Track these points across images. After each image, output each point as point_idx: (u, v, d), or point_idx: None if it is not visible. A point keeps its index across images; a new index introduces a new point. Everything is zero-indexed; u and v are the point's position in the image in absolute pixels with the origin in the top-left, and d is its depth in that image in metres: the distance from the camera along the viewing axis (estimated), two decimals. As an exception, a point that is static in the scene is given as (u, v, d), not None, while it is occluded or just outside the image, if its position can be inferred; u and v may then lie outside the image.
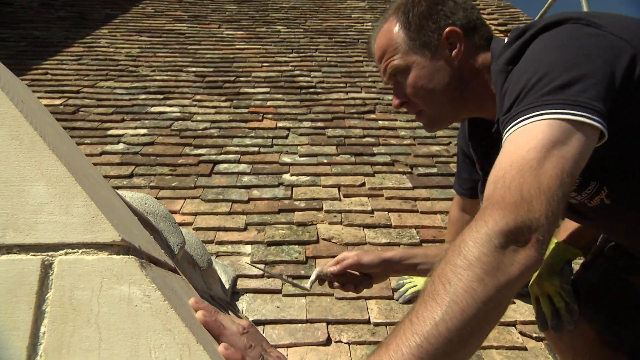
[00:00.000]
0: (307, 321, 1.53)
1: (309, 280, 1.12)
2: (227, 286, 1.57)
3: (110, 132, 2.79)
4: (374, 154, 2.65)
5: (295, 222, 2.03)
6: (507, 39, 0.87)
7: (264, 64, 3.99)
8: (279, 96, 3.40)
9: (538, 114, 0.65)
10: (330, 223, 2.03)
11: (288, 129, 2.93)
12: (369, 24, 5.09)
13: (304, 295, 1.65)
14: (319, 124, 3.00)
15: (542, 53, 0.73)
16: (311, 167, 2.50)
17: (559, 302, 1.14)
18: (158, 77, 3.64)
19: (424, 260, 1.13)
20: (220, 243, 1.89)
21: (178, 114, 3.06)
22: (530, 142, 0.63)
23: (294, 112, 3.16)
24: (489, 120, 0.98)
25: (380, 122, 3.07)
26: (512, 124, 0.68)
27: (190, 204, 2.13)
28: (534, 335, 1.50)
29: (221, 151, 2.62)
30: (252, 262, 1.77)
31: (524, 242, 0.58)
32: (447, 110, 0.98)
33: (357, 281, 1.11)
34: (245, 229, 1.98)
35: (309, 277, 1.11)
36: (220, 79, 3.65)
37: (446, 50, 0.92)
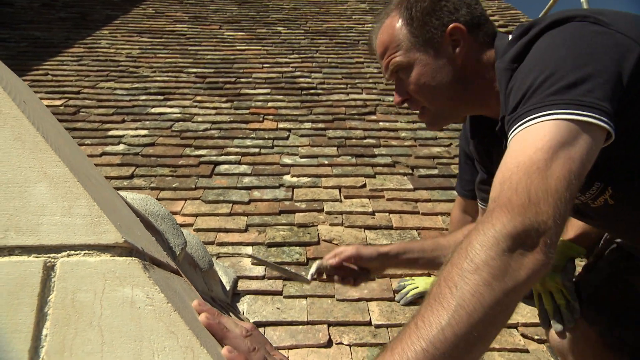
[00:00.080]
0: (308, 323, 1.52)
1: (309, 272, 1.10)
2: (227, 287, 1.56)
3: (110, 133, 2.79)
4: (374, 155, 2.64)
5: (296, 223, 2.03)
6: (512, 35, 0.85)
7: (265, 65, 3.99)
8: (280, 97, 3.39)
9: (545, 114, 0.64)
10: (331, 224, 2.03)
11: (289, 130, 2.93)
12: (370, 25, 5.08)
13: (305, 296, 1.64)
14: (320, 125, 3.00)
15: (548, 51, 0.72)
16: (312, 168, 2.49)
17: (560, 300, 1.14)
18: (159, 78, 3.64)
19: (421, 255, 1.13)
20: (221, 244, 1.88)
21: (179, 115, 3.05)
22: (537, 142, 0.62)
23: (294, 113, 3.15)
24: (491, 118, 0.97)
25: (381, 123, 3.07)
26: (518, 123, 0.67)
27: (190, 205, 2.13)
28: (536, 337, 1.49)
29: (222, 152, 2.62)
30: (252, 255, 1.75)
31: (532, 246, 0.57)
32: (450, 108, 0.97)
33: (355, 275, 1.11)
34: (246, 230, 1.97)
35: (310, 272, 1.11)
36: (220, 80, 3.65)
37: (449, 47, 0.90)
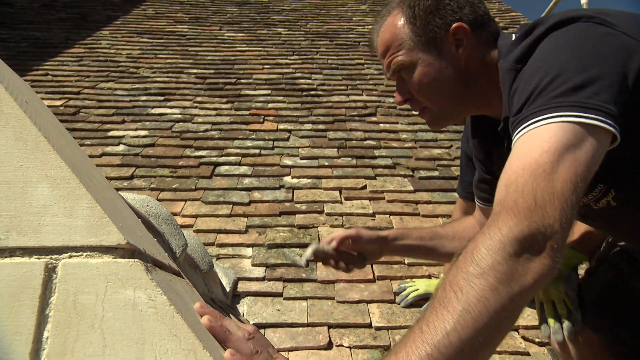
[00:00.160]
0: (309, 325, 1.52)
1: (304, 256, 1.08)
2: (227, 289, 1.56)
3: (110, 133, 2.78)
4: (375, 157, 2.64)
5: (296, 224, 2.02)
6: (515, 35, 0.84)
7: (265, 66, 3.99)
8: (280, 98, 3.39)
9: (550, 116, 0.64)
10: (332, 226, 2.02)
11: (289, 131, 2.92)
12: (370, 26, 5.08)
13: (305, 298, 1.64)
14: (320, 127, 2.99)
15: (553, 53, 0.71)
16: (312, 169, 2.49)
17: (562, 310, 1.13)
18: (159, 79, 3.63)
19: (418, 242, 1.12)
20: (221, 245, 1.88)
21: (179, 116, 3.05)
22: (544, 145, 0.62)
23: (295, 114, 3.15)
24: (493, 118, 0.96)
25: (381, 124, 3.06)
26: (523, 125, 0.66)
27: (190, 206, 2.12)
28: (537, 340, 1.49)
29: (222, 153, 2.62)
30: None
31: (538, 250, 0.56)
32: (452, 108, 0.95)
33: (351, 261, 1.10)
34: (246, 232, 1.97)
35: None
36: (221, 80, 3.64)
37: (452, 47, 0.89)
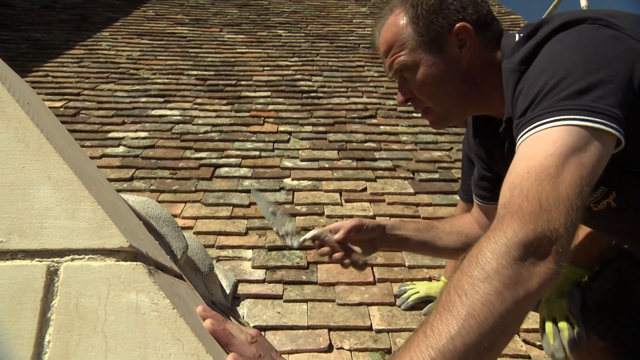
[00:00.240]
0: (309, 327, 1.51)
1: (303, 236, 1.06)
2: (227, 291, 1.55)
3: (110, 134, 2.78)
4: (375, 159, 2.64)
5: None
6: (519, 35, 0.84)
7: (265, 68, 3.99)
8: (280, 100, 3.39)
9: (556, 119, 0.63)
10: (332, 228, 2.02)
11: (289, 133, 2.92)
12: (370, 29, 5.09)
13: (305, 301, 1.63)
14: (321, 129, 2.99)
15: (559, 54, 0.70)
16: (312, 171, 2.49)
17: (565, 330, 1.13)
18: (159, 80, 3.63)
19: (414, 234, 1.12)
20: (221, 247, 1.87)
21: (179, 117, 3.05)
22: (549, 148, 0.61)
23: (295, 116, 3.15)
24: (494, 118, 0.96)
25: (381, 127, 3.06)
26: (528, 128, 0.66)
27: (190, 208, 2.12)
28: (538, 343, 1.48)
29: (222, 155, 2.61)
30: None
31: (543, 255, 0.56)
32: (455, 108, 0.95)
33: (350, 255, 1.07)
34: (246, 234, 1.96)
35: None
36: (221, 82, 3.64)
37: (455, 47, 0.88)
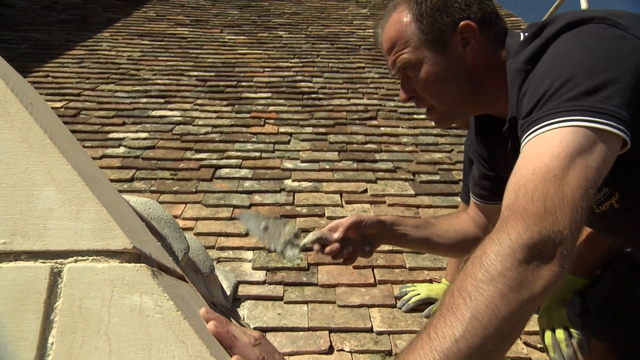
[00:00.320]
0: (309, 329, 1.51)
1: (303, 241, 1.06)
2: (228, 292, 1.55)
3: (111, 135, 2.77)
4: (376, 161, 2.64)
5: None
6: (524, 34, 0.83)
7: (266, 69, 3.99)
8: (281, 101, 3.39)
9: (562, 119, 0.63)
10: (333, 230, 2.01)
11: (290, 134, 2.92)
12: (371, 30, 5.10)
13: (306, 302, 1.63)
14: (321, 130, 2.99)
15: (565, 54, 0.70)
16: (313, 173, 2.48)
17: (562, 341, 1.14)
18: (159, 81, 3.63)
19: (412, 231, 1.12)
20: (222, 249, 1.87)
21: (179, 118, 3.05)
22: (554, 149, 0.61)
23: (295, 117, 3.15)
24: (498, 118, 0.95)
25: (382, 128, 3.06)
26: (534, 128, 0.65)
27: (191, 209, 2.12)
28: (539, 346, 1.48)
29: (222, 156, 2.61)
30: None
31: (548, 257, 0.56)
32: (458, 107, 0.94)
33: (356, 249, 1.08)
34: (246, 235, 1.96)
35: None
36: (222, 83, 3.64)
37: (459, 45, 0.87)
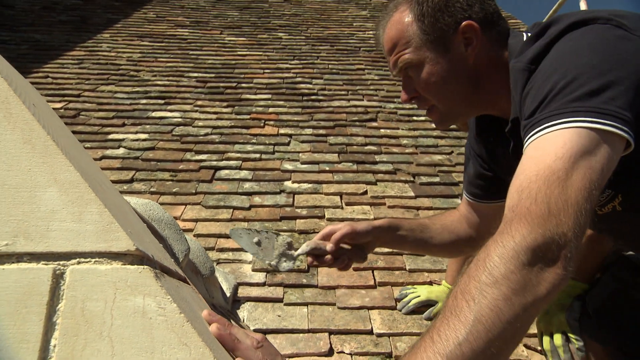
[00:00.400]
0: (309, 331, 1.50)
1: (297, 252, 1.03)
2: (228, 294, 1.55)
3: (110, 136, 2.77)
4: (376, 162, 2.64)
5: (297, 229, 2.01)
6: (527, 34, 0.83)
7: (266, 71, 3.99)
8: (281, 103, 3.39)
9: (565, 121, 0.62)
10: (333, 231, 2.01)
11: (290, 135, 2.92)
12: (371, 32, 5.10)
13: (306, 304, 1.62)
14: (321, 132, 2.99)
15: (569, 55, 0.69)
16: (313, 174, 2.48)
17: (559, 346, 1.15)
18: (159, 82, 3.63)
19: (409, 233, 1.11)
20: (221, 250, 1.87)
21: (179, 119, 3.04)
22: (558, 150, 0.60)
23: (295, 119, 3.15)
24: (499, 118, 0.95)
25: (382, 130, 3.06)
26: (537, 129, 0.65)
27: (191, 210, 2.11)
28: (539, 348, 1.48)
29: (222, 157, 2.61)
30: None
31: (552, 260, 0.56)
32: (460, 107, 0.94)
33: (350, 256, 1.05)
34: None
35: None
36: (221, 84, 3.64)
37: (461, 46, 0.86)
